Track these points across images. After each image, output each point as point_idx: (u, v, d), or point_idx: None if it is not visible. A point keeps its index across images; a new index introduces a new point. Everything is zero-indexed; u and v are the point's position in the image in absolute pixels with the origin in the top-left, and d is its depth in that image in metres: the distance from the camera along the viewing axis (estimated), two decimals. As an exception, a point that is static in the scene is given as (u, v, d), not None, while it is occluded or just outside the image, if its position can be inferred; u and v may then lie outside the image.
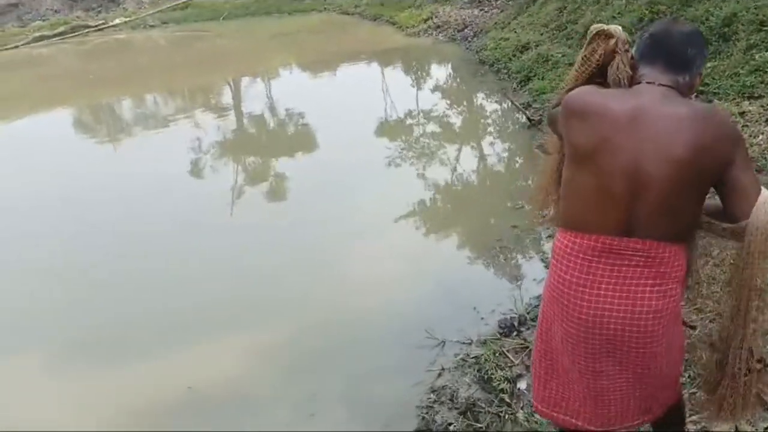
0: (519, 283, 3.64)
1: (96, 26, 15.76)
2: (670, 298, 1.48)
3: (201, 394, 2.92)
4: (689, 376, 2.29)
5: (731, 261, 1.50)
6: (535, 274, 3.61)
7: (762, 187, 1.40)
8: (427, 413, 2.62)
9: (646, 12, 6.62)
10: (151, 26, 16.06)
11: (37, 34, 14.91)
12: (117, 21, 16.23)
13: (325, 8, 15.93)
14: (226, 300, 3.73)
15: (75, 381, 3.16)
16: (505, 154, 6.16)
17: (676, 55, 1.51)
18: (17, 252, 4.50)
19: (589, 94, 1.56)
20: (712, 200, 1.52)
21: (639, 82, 1.53)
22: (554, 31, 8.32)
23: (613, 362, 1.55)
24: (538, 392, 1.72)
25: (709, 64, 5.15)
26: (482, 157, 6.21)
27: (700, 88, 4.75)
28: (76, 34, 15.17)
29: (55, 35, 14.95)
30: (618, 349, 1.52)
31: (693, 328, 1.67)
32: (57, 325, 3.63)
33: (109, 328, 3.52)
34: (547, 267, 3.57)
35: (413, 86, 9.32)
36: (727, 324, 1.49)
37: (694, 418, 2.11)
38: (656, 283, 1.47)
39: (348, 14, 14.92)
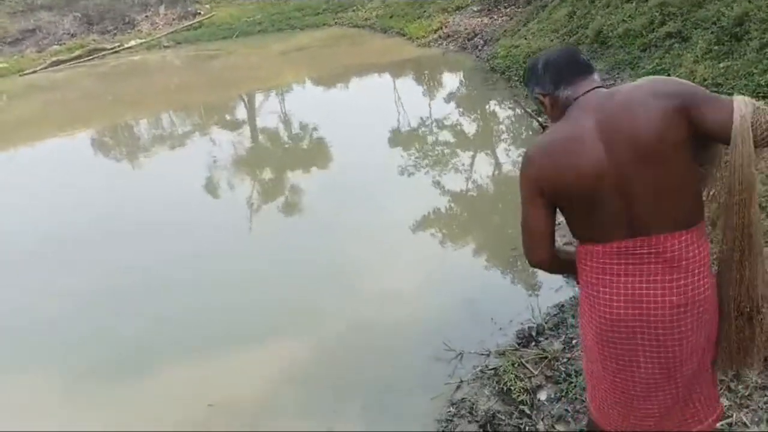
0: (536, 292, 3.63)
1: (112, 49, 16.03)
2: (692, 292, 1.47)
3: (221, 412, 2.95)
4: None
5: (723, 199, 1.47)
6: (552, 283, 3.58)
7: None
8: (447, 426, 2.62)
9: (657, 14, 6.58)
10: (166, 47, 16.28)
11: (54, 59, 15.22)
12: (132, 43, 16.50)
13: (335, 22, 16.02)
14: (245, 316, 3.77)
15: (91, 399, 3.21)
16: (519, 160, 6.15)
17: (580, 63, 1.61)
18: (44, 273, 4.60)
19: (539, 157, 1.67)
20: None
21: (569, 104, 1.57)
22: (564, 37, 8.30)
23: (645, 364, 1.54)
24: (590, 397, 1.74)
25: (721, 65, 5.11)
26: (497, 165, 6.21)
27: (714, 89, 4.71)
28: (93, 57, 15.46)
29: (72, 59, 15.25)
30: (646, 349, 1.52)
31: None
32: (78, 341, 3.70)
33: (129, 344, 3.57)
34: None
35: (426, 96, 9.35)
36: (722, 268, 1.51)
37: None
38: (672, 278, 1.47)
39: (358, 27, 14.99)
